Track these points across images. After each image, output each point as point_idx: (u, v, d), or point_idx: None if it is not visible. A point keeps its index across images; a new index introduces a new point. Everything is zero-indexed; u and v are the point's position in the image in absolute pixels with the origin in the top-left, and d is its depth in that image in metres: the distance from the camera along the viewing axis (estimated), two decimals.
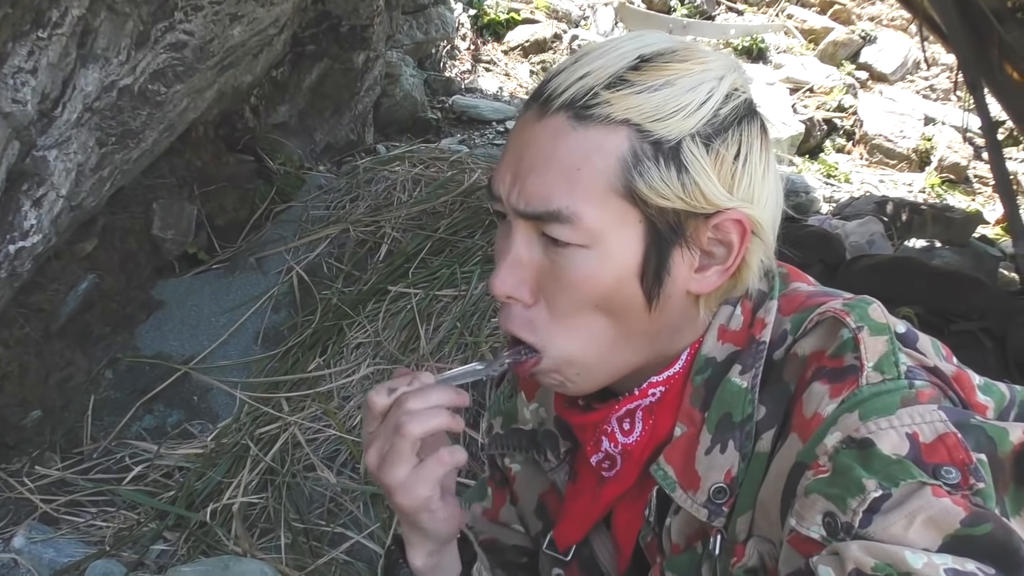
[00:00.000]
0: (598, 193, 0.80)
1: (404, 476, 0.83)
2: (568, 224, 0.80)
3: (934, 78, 7.91)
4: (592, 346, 0.85)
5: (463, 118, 5.93)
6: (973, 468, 0.69)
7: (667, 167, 0.80)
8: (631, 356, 0.87)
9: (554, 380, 0.88)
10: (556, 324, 0.84)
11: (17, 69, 2.19)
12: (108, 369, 2.92)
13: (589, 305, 0.83)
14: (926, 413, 0.72)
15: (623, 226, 0.81)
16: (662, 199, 0.80)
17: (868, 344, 0.77)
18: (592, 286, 0.82)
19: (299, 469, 2.47)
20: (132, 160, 2.76)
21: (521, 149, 0.84)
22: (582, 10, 8.21)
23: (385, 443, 0.83)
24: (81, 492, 2.50)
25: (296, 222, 3.54)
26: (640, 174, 0.80)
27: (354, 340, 2.86)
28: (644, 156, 0.80)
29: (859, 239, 4.21)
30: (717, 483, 0.82)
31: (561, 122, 0.81)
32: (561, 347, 0.85)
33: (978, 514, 0.66)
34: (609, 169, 0.80)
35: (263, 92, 3.97)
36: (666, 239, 0.82)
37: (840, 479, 0.71)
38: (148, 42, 2.56)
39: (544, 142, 0.82)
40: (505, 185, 0.85)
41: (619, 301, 0.83)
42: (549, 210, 0.81)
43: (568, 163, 0.81)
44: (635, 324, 0.85)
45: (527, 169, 0.83)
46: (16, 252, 2.38)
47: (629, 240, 0.82)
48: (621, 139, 0.80)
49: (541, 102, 0.84)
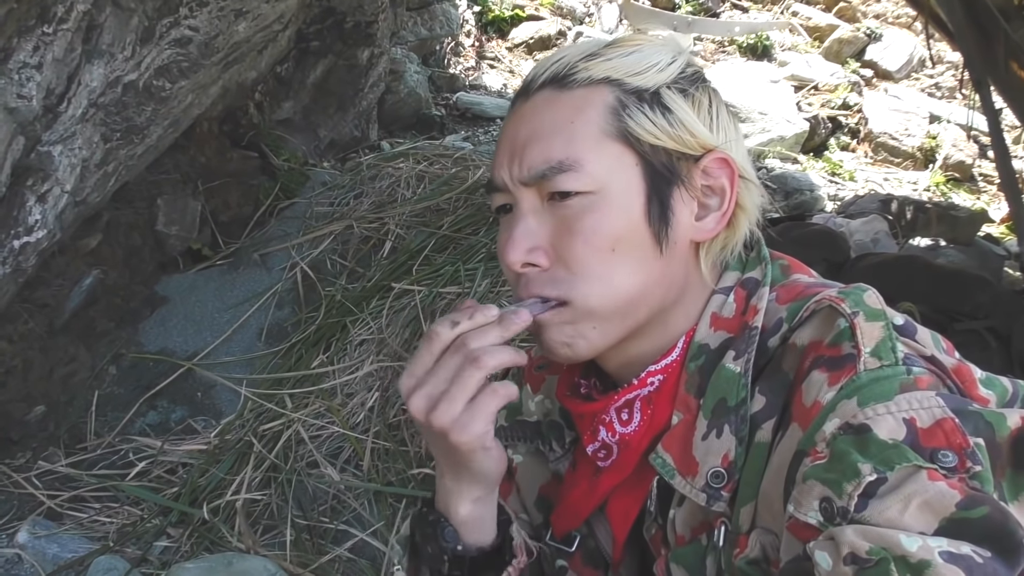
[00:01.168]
0: (594, 139, 0.87)
1: (459, 413, 0.80)
2: (572, 172, 0.86)
3: (939, 76, 7.88)
4: (611, 294, 0.87)
5: (467, 115, 5.92)
6: (970, 452, 0.69)
7: (652, 110, 0.88)
8: (644, 310, 0.89)
9: (566, 336, 0.88)
10: (576, 276, 0.86)
11: (22, 64, 2.19)
12: (112, 365, 2.93)
13: (606, 250, 0.86)
14: (924, 399, 0.72)
15: (622, 169, 0.87)
16: (653, 137, 0.87)
17: (864, 329, 0.78)
18: (605, 229, 0.86)
19: (302, 466, 2.48)
20: (137, 156, 2.76)
21: (513, 132, 0.90)
22: (586, 7, 8.20)
23: (437, 384, 0.81)
24: (85, 488, 2.50)
25: (300, 218, 3.55)
26: (629, 116, 0.87)
27: (358, 337, 2.86)
28: (629, 102, 0.88)
29: (863, 237, 4.20)
30: (714, 467, 0.83)
31: (546, 94, 0.90)
32: (585, 296, 0.86)
33: (974, 497, 0.66)
34: (599, 117, 0.87)
35: (267, 88, 3.97)
36: (664, 178, 0.88)
37: (837, 464, 0.71)
38: (153, 38, 2.56)
39: (534, 115, 0.89)
40: (504, 167, 0.90)
41: (632, 244, 0.86)
42: (551, 164, 0.86)
43: (560, 121, 0.87)
44: (648, 271, 0.87)
45: (522, 143, 0.88)
46: (21, 247, 2.39)
47: (630, 182, 0.87)
48: (605, 93, 0.88)
49: (525, 90, 0.92)
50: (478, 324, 0.82)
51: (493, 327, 0.82)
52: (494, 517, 0.96)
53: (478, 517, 0.94)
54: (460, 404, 0.80)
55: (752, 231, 0.94)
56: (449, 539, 0.93)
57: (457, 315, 0.83)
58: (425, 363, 0.83)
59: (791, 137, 6.67)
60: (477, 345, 0.80)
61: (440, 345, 0.82)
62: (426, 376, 0.82)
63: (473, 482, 0.90)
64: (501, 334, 0.82)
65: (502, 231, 0.92)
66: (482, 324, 0.82)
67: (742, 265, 0.94)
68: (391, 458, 2.45)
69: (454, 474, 0.90)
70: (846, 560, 0.66)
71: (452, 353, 0.81)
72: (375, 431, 2.51)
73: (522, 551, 0.98)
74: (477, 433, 0.82)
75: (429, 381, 0.82)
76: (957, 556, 0.63)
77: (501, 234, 0.92)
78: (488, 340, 0.81)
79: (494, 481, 0.92)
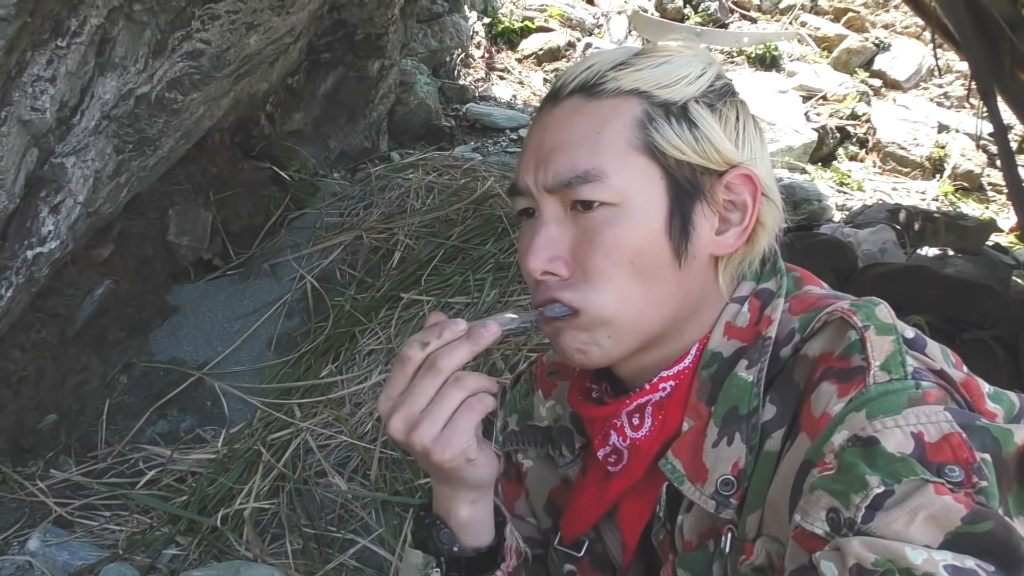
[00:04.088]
0: (620, 151, 0.87)
1: (439, 431, 0.82)
2: (597, 182, 0.86)
3: (948, 85, 7.87)
4: (627, 306, 0.87)
5: (477, 126, 5.95)
6: (976, 467, 0.70)
7: (679, 124, 0.87)
8: (659, 322, 0.89)
9: (581, 343, 0.89)
10: (593, 286, 0.87)
11: (36, 77, 2.22)
12: (123, 374, 2.95)
13: (625, 263, 0.86)
14: (932, 413, 0.73)
15: (646, 183, 0.87)
16: (678, 152, 0.87)
17: (875, 343, 0.79)
18: (626, 242, 0.86)
19: (310, 475, 2.49)
20: (149, 167, 2.79)
21: (540, 138, 0.91)
22: (596, 19, 8.23)
23: (414, 405, 0.83)
24: (95, 496, 2.52)
25: (310, 229, 3.57)
26: (656, 129, 0.87)
27: (366, 347, 2.88)
28: (656, 116, 0.87)
29: (871, 247, 4.20)
30: (724, 475, 0.84)
31: (575, 102, 0.90)
32: (600, 305, 0.87)
33: (979, 512, 0.67)
34: (627, 129, 0.87)
35: (278, 100, 4.00)
36: (687, 193, 0.88)
37: (844, 476, 0.72)
38: (165, 51, 2.59)
39: (561, 122, 0.89)
40: (529, 172, 0.90)
41: (651, 257, 0.87)
42: (577, 174, 0.86)
43: (588, 130, 0.87)
44: (665, 284, 0.88)
45: (549, 149, 0.89)
46: (34, 257, 2.41)
47: (653, 196, 0.87)
48: (633, 104, 0.88)
49: (553, 96, 0.92)
50: (446, 341, 0.83)
51: (462, 343, 0.83)
52: (491, 518, 0.98)
53: (476, 519, 0.96)
54: (440, 423, 0.82)
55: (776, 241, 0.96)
56: (445, 541, 0.95)
57: (426, 335, 0.84)
58: (400, 385, 0.84)
59: (799, 147, 6.68)
60: (447, 362, 0.82)
61: (412, 366, 0.84)
62: (402, 397, 0.83)
63: (467, 488, 0.93)
64: (471, 349, 0.83)
65: (524, 234, 0.93)
66: (451, 340, 0.83)
67: (757, 276, 0.94)
68: (398, 468, 2.47)
69: (446, 484, 0.93)
70: (852, 571, 0.67)
71: (424, 373, 0.83)
72: (383, 441, 2.52)
73: (512, 554, 0.99)
74: (459, 449, 0.83)
75: (406, 402, 0.83)
76: (961, 570, 0.64)
77: (523, 237, 0.93)
78: (458, 357, 0.83)
79: (487, 484, 0.94)
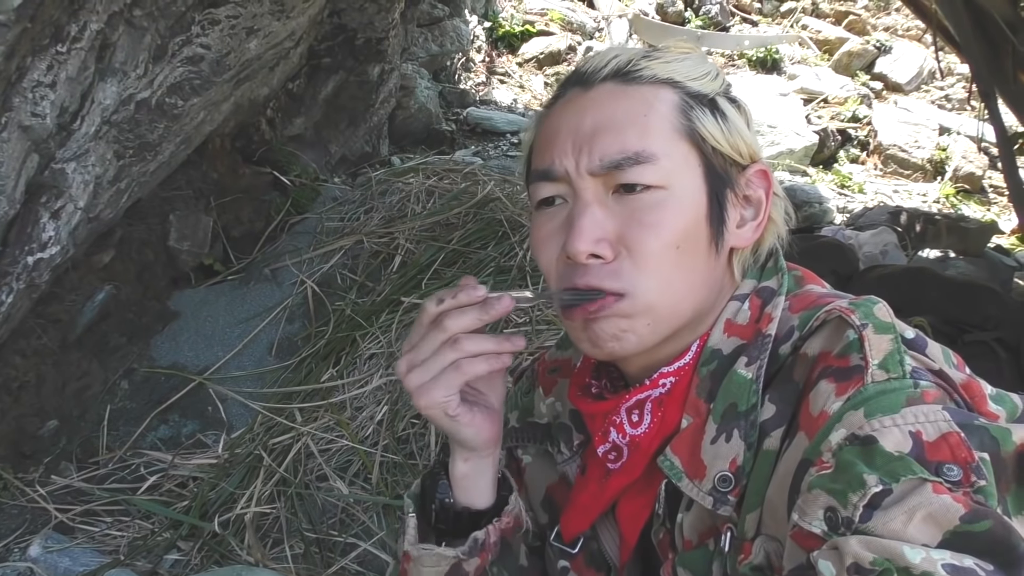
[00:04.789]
0: (667, 134, 0.88)
1: (426, 381, 0.89)
2: (648, 164, 0.87)
3: (949, 88, 7.88)
4: (668, 294, 0.88)
5: (477, 130, 5.95)
6: (975, 466, 0.70)
7: (712, 114, 0.91)
8: (689, 312, 0.90)
9: (619, 329, 0.89)
10: (641, 270, 0.87)
11: (36, 83, 2.22)
12: (124, 379, 2.95)
13: (672, 247, 0.87)
14: (930, 412, 0.73)
15: (688, 169, 0.89)
16: (715, 141, 0.90)
17: (873, 342, 0.79)
18: (674, 225, 0.87)
19: (312, 479, 2.49)
20: (149, 172, 2.79)
21: (576, 121, 0.90)
22: (596, 22, 8.24)
23: (419, 354, 0.89)
24: (96, 501, 2.52)
25: (311, 233, 3.57)
26: (696, 118, 0.90)
27: (367, 351, 2.87)
28: (693, 104, 0.90)
29: (873, 249, 4.19)
30: (722, 471, 0.84)
31: (611, 87, 0.91)
32: (646, 290, 0.87)
33: (978, 511, 0.67)
34: (671, 113, 0.89)
35: (279, 104, 4.00)
36: (722, 181, 0.91)
37: (842, 475, 0.72)
38: (165, 56, 2.59)
39: (601, 105, 0.90)
40: (568, 156, 0.90)
41: (693, 243, 0.89)
42: (627, 155, 0.87)
43: (633, 114, 0.89)
44: (699, 272, 0.90)
45: (590, 131, 0.89)
46: (34, 263, 2.41)
47: (695, 182, 0.89)
48: (670, 92, 0.90)
49: (583, 81, 0.93)
50: (460, 304, 0.88)
51: (472, 310, 0.87)
52: (488, 484, 1.02)
53: (469, 476, 1.00)
54: (429, 375, 0.89)
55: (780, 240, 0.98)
56: (441, 490, 1.01)
57: (445, 292, 0.90)
58: (417, 334, 0.90)
59: (800, 150, 6.68)
60: (452, 324, 0.87)
61: (427, 319, 0.90)
62: (416, 344, 0.90)
63: (459, 446, 0.98)
64: (479, 316, 0.87)
65: (542, 224, 0.93)
66: (465, 304, 0.88)
67: (758, 274, 0.95)
68: (400, 471, 2.46)
69: (448, 437, 0.99)
70: (850, 570, 0.67)
71: (432, 328, 0.89)
72: (384, 444, 2.52)
73: (509, 515, 1.03)
74: (435, 401, 0.89)
75: (415, 349, 0.90)
76: (960, 569, 0.64)
77: (541, 227, 0.93)
78: (463, 321, 0.87)
79: (478, 447, 0.98)
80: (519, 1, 7.98)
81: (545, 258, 0.93)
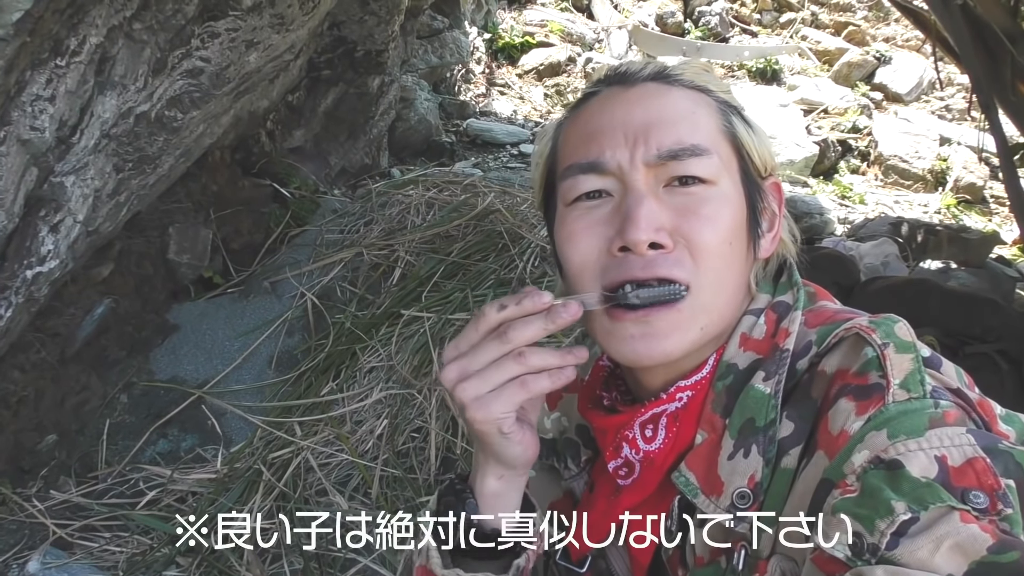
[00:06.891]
0: (714, 133, 0.90)
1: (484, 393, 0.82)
2: (704, 157, 0.87)
3: (949, 98, 7.88)
4: (721, 292, 0.88)
5: (477, 141, 5.96)
6: (1001, 494, 0.69)
7: (743, 122, 0.93)
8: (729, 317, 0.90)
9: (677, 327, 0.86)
10: (698, 264, 0.86)
11: (35, 97, 2.22)
12: (123, 393, 2.94)
13: (726, 242, 0.87)
14: (955, 436, 0.72)
15: (730, 171, 0.90)
16: (749, 147, 0.92)
17: (894, 361, 0.77)
18: (727, 220, 0.88)
19: (311, 494, 2.47)
20: (149, 185, 2.79)
21: (624, 114, 0.90)
22: (596, 33, 8.25)
23: (473, 363, 0.82)
24: (95, 517, 2.51)
25: (310, 246, 3.57)
26: (734, 123, 0.92)
27: (367, 364, 2.87)
28: (729, 111, 0.92)
29: (874, 261, 4.18)
30: (740, 487, 0.83)
31: (655, 86, 0.92)
32: (701, 286, 0.86)
33: (1005, 541, 0.66)
34: (715, 114, 0.91)
35: (279, 117, 4.01)
36: (755, 187, 0.92)
37: (869, 500, 0.71)
38: (165, 69, 2.59)
39: (650, 99, 0.91)
40: (621, 147, 0.88)
41: (739, 242, 0.89)
42: (684, 146, 0.87)
43: (683, 110, 0.90)
44: (738, 275, 0.90)
45: (643, 124, 0.88)
46: (33, 277, 2.41)
47: (735, 184, 0.90)
48: (707, 97, 0.92)
49: (623, 80, 0.94)
50: (525, 311, 0.81)
51: (537, 319, 0.81)
52: (517, 503, 0.94)
53: (501, 495, 0.92)
54: (487, 387, 0.81)
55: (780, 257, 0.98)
56: (470, 508, 0.92)
57: (508, 299, 0.83)
58: (470, 340, 0.83)
59: (800, 161, 6.68)
60: (517, 335, 0.80)
61: (486, 326, 0.82)
62: (467, 351, 0.83)
63: (497, 462, 0.90)
64: (544, 326, 0.81)
65: (579, 216, 0.90)
66: (529, 311, 0.81)
67: (772, 288, 0.94)
68: (400, 486, 2.45)
69: (482, 449, 0.90)
70: None
71: (493, 338, 0.82)
72: (384, 459, 2.51)
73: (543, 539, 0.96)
74: (494, 415, 0.82)
75: (467, 356, 0.82)
76: None
77: (577, 219, 0.90)
78: (529, 332, 0.81)
79: (518, 466, 0.91)
80: (519, 12, 8.00)
81: (582, 252, 0.89)
